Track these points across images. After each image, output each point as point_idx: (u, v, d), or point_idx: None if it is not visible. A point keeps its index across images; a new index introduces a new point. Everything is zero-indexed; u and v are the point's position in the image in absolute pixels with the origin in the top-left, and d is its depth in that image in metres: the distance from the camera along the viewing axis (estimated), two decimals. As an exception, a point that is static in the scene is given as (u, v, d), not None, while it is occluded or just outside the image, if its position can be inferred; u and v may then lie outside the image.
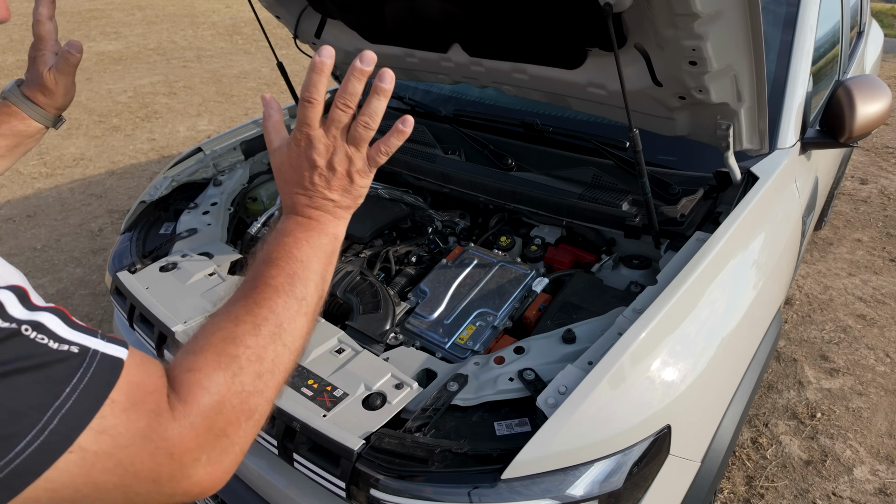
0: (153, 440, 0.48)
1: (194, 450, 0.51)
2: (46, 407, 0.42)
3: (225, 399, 0.54)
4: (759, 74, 1.24)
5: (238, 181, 2.03)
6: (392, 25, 1.75)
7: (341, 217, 0.71)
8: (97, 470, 0.45)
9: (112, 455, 0.46)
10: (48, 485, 0.42)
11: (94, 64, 7.83)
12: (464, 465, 1.01)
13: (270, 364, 0.59)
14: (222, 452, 0.53)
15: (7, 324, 0.42)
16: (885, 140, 5.10)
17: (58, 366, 0.44)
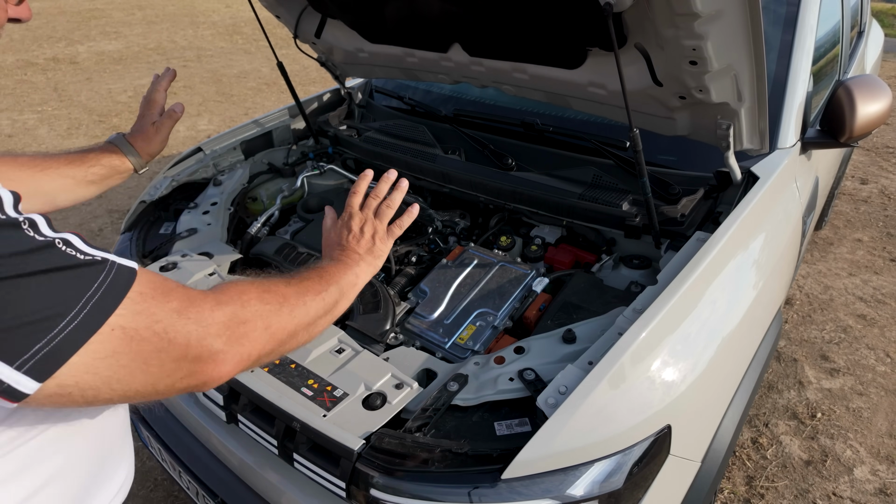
0: (187, 315, 0.62)
1: (217, 335, 0.65)
2: (80, 297, 0.54)
3: (253, 315, 0.71)
4: (759, 74, 1.24)
5: (238, 181, 2.03)
6: (392, 25, 1.75)
7: (363, 267, 1.00)
8: (138, 339, 0.58)
9: (150, 327, 0.59)
10: (88, 358, 0.54)
11: (95, 64, 7.83)
12: (464, 465, 1.01)
13: (289, 317, 0.78)
14: (238, 350, 0.67)
15: (43, 238, 0.54)
16: (886, 140, 5.10)
17: (86, 269, 0.56)
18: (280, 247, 1.68)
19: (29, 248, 0.53)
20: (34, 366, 0.52)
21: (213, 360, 0.64)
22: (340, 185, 2.12)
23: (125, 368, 0.58)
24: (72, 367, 0.54)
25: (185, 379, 0.63)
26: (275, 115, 2.34)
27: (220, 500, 1.34)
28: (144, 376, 0.60)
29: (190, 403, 1.41)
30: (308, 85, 6.89)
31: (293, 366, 1.25)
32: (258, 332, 0.71)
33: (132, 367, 0.58)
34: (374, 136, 2.11)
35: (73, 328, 0.53)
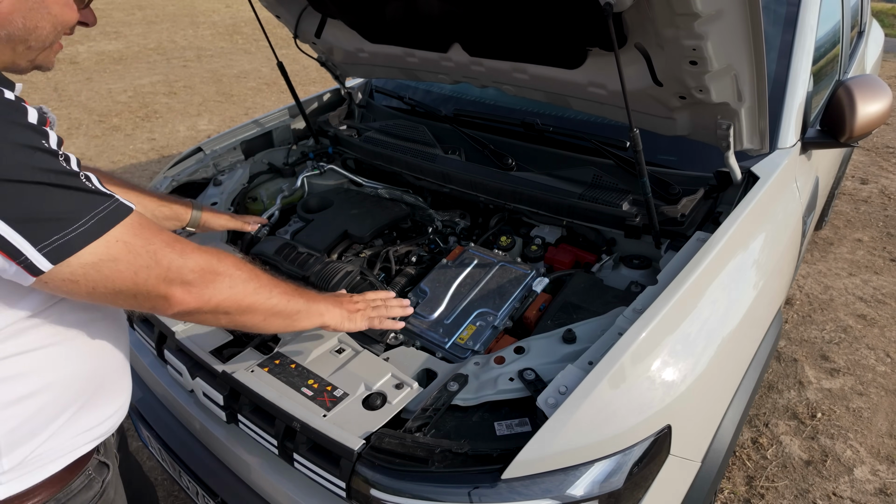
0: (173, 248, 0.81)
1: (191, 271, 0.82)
2: (90, 211, 0.73)
3: (224, 272, 0.88)
4: (759, 74, 1.24)
5: (238, 181, 2.03)
6: (392, 25, 1.75)
7: (335, 313, 1.16)
8: (134, 253, 0.77)
9: (144, 247, 0.78)
10: (94, 257, 0.73)
11: (95, 63, 7.83)
12: (464, 465, 1.01)
13: (253, 292, 0.93)
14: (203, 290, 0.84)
15: (71, 168, 0.75)
16: (886, 140, 5.10)
17: (97, 196, 0.75)
18: (280, 247, 1.68)
19: (60, 171, 0.72)
20: (51, 251, 0.69)
21: (183, 288, 0.82)
22: (340, 185, 2.12)
23: (120, 273, 0.76)
24: (80, 259, 0.72)
25: (157, 298, 0.80)
26: (275, 114, 2.34)
27: (220, 500, 1.34)
28: (131, 283, 0.77)
29: (190, 403, 1.41)
30: (308, 85, 6.89)
31: (293, 366, 1.25)
32: (224, 286, 0.87)
33: (125, 274, 0.76)
34: (375, 136, 2.11)
35: (81, 231, 0.71)
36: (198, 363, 1.33)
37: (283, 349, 1.30)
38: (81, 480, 0.92)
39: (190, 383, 1.34)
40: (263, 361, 1.27)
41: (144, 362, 1.55)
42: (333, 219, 1.83)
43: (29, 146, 0.70)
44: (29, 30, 0.79)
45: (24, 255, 0.68)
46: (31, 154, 0.70)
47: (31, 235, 0.68)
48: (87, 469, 0.94)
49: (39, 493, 0.86)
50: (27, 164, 0.68)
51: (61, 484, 0.89)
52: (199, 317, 0.88)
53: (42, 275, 0.70)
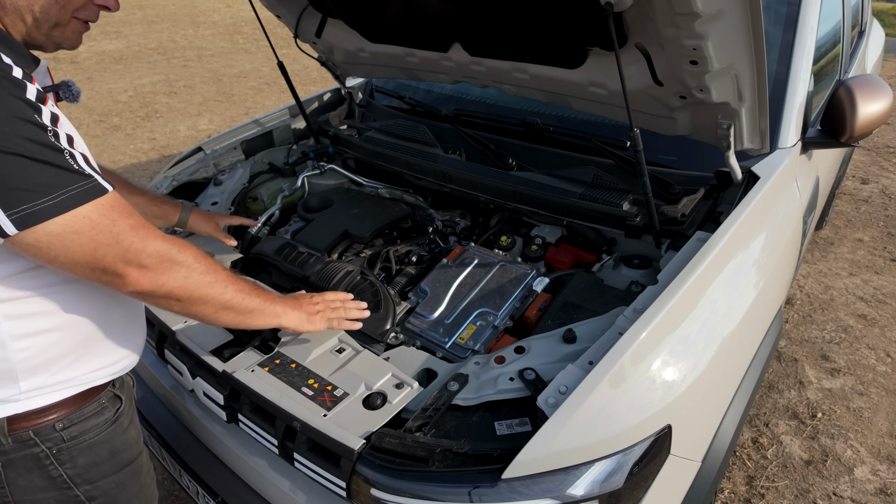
0: (136, 232, 0.87)
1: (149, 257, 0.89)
2: (62, 188, 0.80)
3: (182, 262, 0.94)
4: (760, 74, 1.24)
5: (238, 180, 2.04)
6: (392, 24, 1.75)
7: (294, 315, 1.19)
8: (97, 230, 0.83)
9: (108, 227, 0.84)
10: (59, 228, 0.80)
11: (95, 63, 7.83)
12: (464, 465, 1.01)
13: (207, 285, 0.98)
14: (157, 276, 0.90)
15: (59, 145, 0.81)
16: (887, 140, 5.10)
17: (74, 174, 0.81)
18: (280, 246, 1.68)
19: (45, 144, 0.79)
20: (18, 218, 0.77)
21: (138, 270, 0.88)
22: (341, 184, 2.12)
23: (81, 247, 0.83)
24: (45, 228, 0.79)
25: (113, 275, 0.87)
26: (275, 114, 2.34)
27: (220, 500, 1.34)
28: (90, 257, 0.84)
29: (190, 403, 1.41)
30: (308, 84, 6.89)
31: (294, 365, 1.25)
32: (179, 275, 0.93)
33: (85, 248, 0.83)
34: (375, 136, 2.11)
35: (49, 205, 0.78)
36: (198, 363, 1.33)
37: (283, 349, 1.30)
38: (94, 407, 1.02)
39: (190, 383, 1.34)
40: (264, 361, 1.27)
41: (145, 362, 1.55)
42: (334, 218, 1.83)
43: (20, 118, 0.77)
44: (31, 1, 0.86)
45: None
46: (20, 126, 0.77)
47: (3, 201, 0.76)
48: (100, 398, 1.04)
49: (55, 411, 0.97)
50: (14, 134, 0.76)
51: (75, 407, 0.99)
52: (152, 300, 0.95)
53: (8, 237, 0.78)
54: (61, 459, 0.98)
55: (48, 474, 0.97)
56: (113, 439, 1.05)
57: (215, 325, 1.21)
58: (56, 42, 0.93)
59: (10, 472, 0.95)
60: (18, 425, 0.93)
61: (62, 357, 0.95)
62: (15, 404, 0.92)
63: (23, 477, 0.96)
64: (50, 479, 0.98)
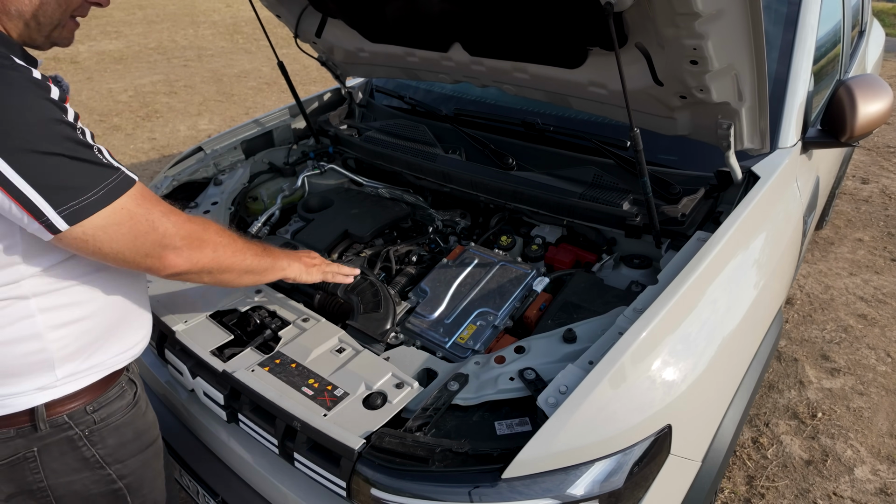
0: (168, 218, 0.95)
1: (182, 238, 0.97)
2: (100, 182, 0.86)
3: (209, 239, 1.03)
4: (760, 74, 1.24)
5: (238, 180, 2.04)
6: (393, 24, 1.74)
7: (296, 267, 1.31)
8: (135, 220, 0.90)
9: (144, 216, 0.91)
10: (102, 220, 0.86)
11: (95, 63, 7.83)
12: (464, 465, 1.01)
13: (231, 255, 1.09)
14: (191, 253, 0.99)
15: (89, 142, 0.87)
16: (887, 139, 5.10)
17: (107, 169, 0.88)
18: (280, 246, 1.68)
19: (79, 142, 0.85)
20: (68, 214, 0.83)
21: (174, 252, 0.96)
22: (341, 184, 2.12)
23: (123, 236, 0.89)
24: (91, 222, 0.85)
25: (153, 259, 0.94)
26: (275, 114, 2.34)
27: (220, 500, 1.34)
28: (131, 245, 0.91)
29: (191, 402, 1.41)
30: (309, 84, 6.89)
31: (294, 365, 1.25)
32: (208, 250, 1.02)
33: (127, 237, 0.90)
34: (375, 136, 2.11)
35: (93, 200, 0.85)
36: (198, 363, 1.33)
37: (283, 349, 1.30)
38: (116, 391, 1.09)
39: (191, 383, 1.34)
40: (264, 361, 1.27)
41: (145, 362, 1.55)
42: (334, 218, 1.83)
43: (54, 119, 0.82)
44: (36, 6, 0.89)
45: (45, 216, 0.81)
46: (56, 127, 0.82)
47: (53, 200, 0.81)
48: (120, 382, 1.11)
49: (83, 396, 1.03)
50: (53, 137, 0.81)
51: (100, 391, 1.06)
52: (185, 277, 1.03)
53: (59, 233, 0.84)
54: (93, 440, 1.05)
55: (82, 455, 1.04)
56: (136, 420, 1.13)
57: (235, 287, 1.32)
58: (53, 41, 0.96)
59: (45, 456, 1.00)
60: (54, 410, 0.99)
61: (92, 343, 1.01)
62: (52, 391, 0.98)
63: (57, 460, 1.02)
64: (83, 460, 1.04)
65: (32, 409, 0.97)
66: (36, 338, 0.93)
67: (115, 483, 1.09)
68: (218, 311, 1.45)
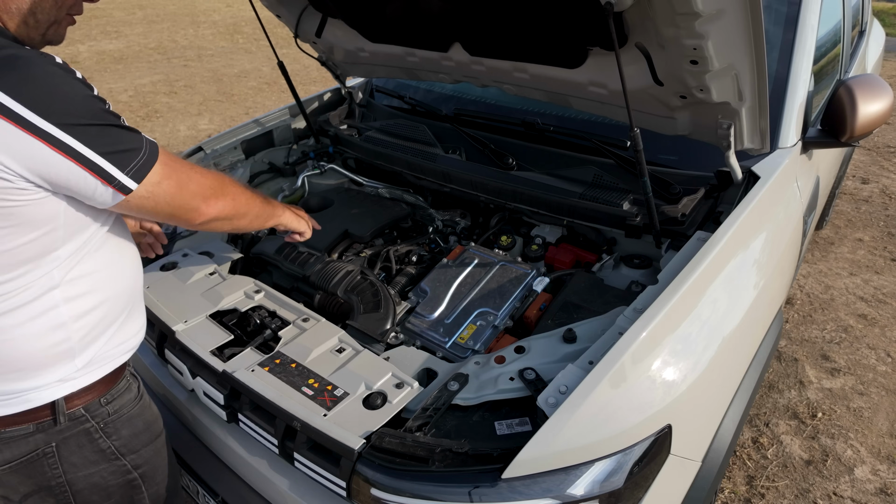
0: (195, 170, 1.03)
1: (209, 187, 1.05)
2: (143, 141, 0.93)
3: (228, 188, 1.11)
4: (760, 73, 1.24)
5: (238, 180, 2.03)
6: (393, 24, 1.74)
7: (289, 215, 1.42)
8: (176, 173, 0.98)
9: (177, 170, 0.99)
10: (156, 176, 0.94)
11: (95, 63, 7.83)
12: (464, 465, 1.01)
13: (245, 202, 1.17)
14: (217, 202, 1.07)
15: (113, 118, 0.91)
16: (887, 139, 5.10)
17: (140, 134, 0.94)
18: (280, 246, 1.68)
19: (114, 114, 0.91)
20: (134, 173, 0.90)
21: (205, 202, 1.04)
22: (341, 184, 2.12)
23: (172, 189, 0.97)
24: (150, 179, 0.93)
25: (192, 209, 1.02)
26: (275, 114, 2.34)
27: (220, 500, 1.34)
28: (179, 198, 0.99)
29: (191, 402, 1.41)
30: (309, 84, 6.88)
31: (294, 365, 1.25)
32: (228, 198, 1.10)
33: (175, 190, 0.98)
34: (375, 136, 2.11)
35: (146, 158, 0.92)
36: (198, 363, 1.33)
37: (283, 349, 1.30)
38: (123, 384, 1.12)
39: (191, 383, 1.34)
40: (264, 361, 1.27)
41: (145, 362, 1.55)
42: (334, 218, 1.83)
43: (93, 96, 0.88)
44: (33, 3, 0.91)
45: (116, 179, 0.88)
46: (97, 102, 0.88)
47: (119, 163, 0.88)
48: (126, 375, 1.14)
49: (98, 388, 1.06)
50: (98, 110, 0.87)
51: (112, 383, 1.09)
52: (211, 224, 1.09)
53: (130, 193, 0.91)
54: (108, 432, 1.07)
55: (98, 447, 1.06)
56: (144, 412, 1.16)
57: (244, 231, 1.35)
58: (48, 39, 0.97)
59: (64, 451, 1.02)
60: (72, 403, 1.02)
61: (105, 330, 1.04)
62: (72, 382, 1.00)
63: (76, 454, 1.04)
64: (100, 452, 1.07)
65: (53, 402, 0.98)
66: (61, 327, 0.96)
67: (130, 473, 1.12)
68: (218, 311, 1.45)
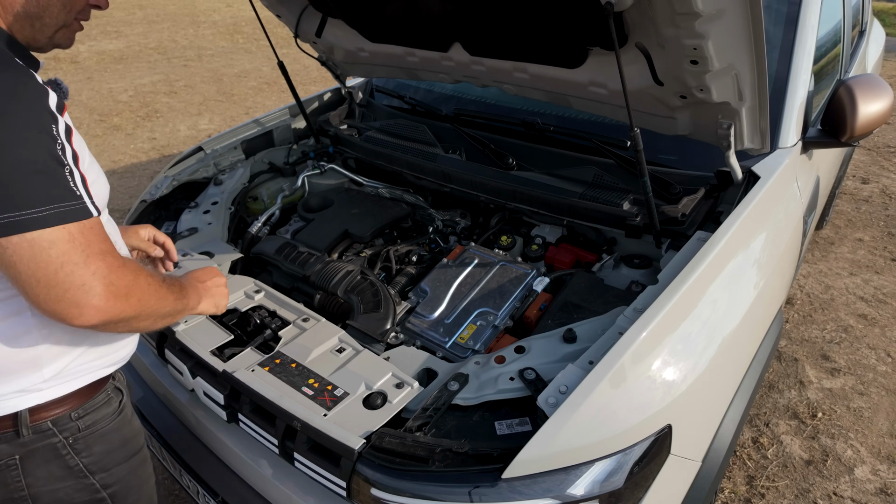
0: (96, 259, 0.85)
1: (105, 287, 0.85)
2: (53, 202, 0.80)
3: (138, 288, 0.91)
4: (760, 73, 1.24)
5: (238, 180, 2.04)
6: (393, 24, 1.74)
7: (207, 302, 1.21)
8: (73, 246, 0.82)
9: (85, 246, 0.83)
10: (34, 235, 0.79)
11: (95, 63, 7.83)
12: (464, 465, 1.01)
13: (155, 302, 0.97)
14: (112, 307, 0.87)
15: (64, 160, 0.83)
16: (887, 139, 5.09)
17: (66, 192, 0.82)
18: (280, 246, 1.68)
19: (51, 155, 0.81)
20: (2, 226, 0.77)
21: (97, 298, 0.85)
22: (341, 184, 2.12)
23: (50, 259, 0.80)
24: (22, 236, 0.78)
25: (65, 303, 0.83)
26: (275, 114, 2.34)
27: (220, 500, 1.34)
28: (53, 273, 0.81)
29: (191, 402, 1.41)
30: (309, 84, 6.88)
31: (294, 365, 1.25)
32: (134, 301, 0.91)
33: (53, 263, 0.81)
34: (375, 136, 2.11)
35: (34, 217, 0.79)
36: (199, 363, 1.33)
37: (283, 349, 1.30)
38: (102, 398, 1.07)
39: (191, 383, 1.34)
40: (264, 361, 1.27)
41: (145, 362, 1.55)
42: (334, 218, 1.83)
43: (37, 126, 0.80)
44: (42, 7, 0.89)
45: None
46: (36, 135, 0.80)
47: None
48: (106, 389, 1.09)
49: (70, 401, 1.01)
50: (27, 141, 0.79)
51: (87, 397, 1.04)
52: (104, 327, 0.90)
53: None
54: (77, 448, 1.02)
55: (66, 464, 1.01)
56: (122, 428, 1.11)
57: (142, 332, 1.23)
58: (55, 43, 0.96)
59: (29, 464, 0.98)
60: (38, 416, 0.97)
61: (81, 341, 1.00)
62: (37, 394, 0.96)
63: (41, 468, 0.99)
64: (67, 469, 1.02)
65: (16, 413, 0.94)
66: (27, 334, 0.92)
67: (99, 493, 1.06)
68: (218, 311, 1.45)
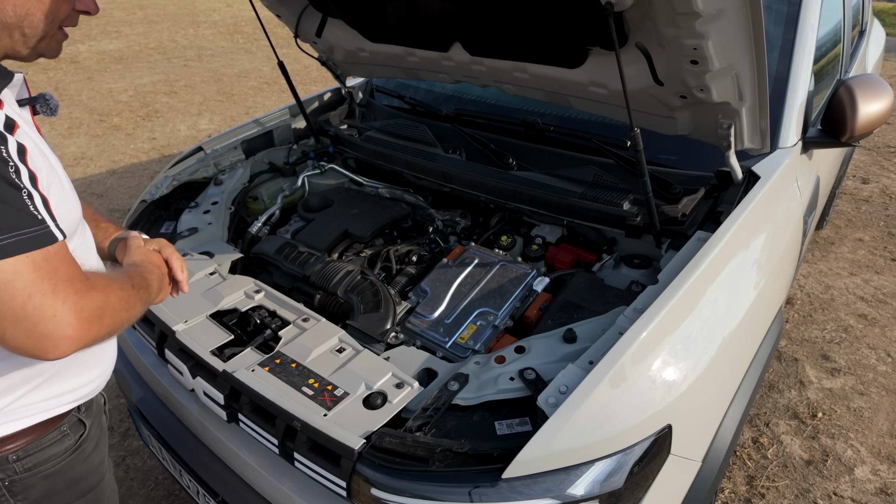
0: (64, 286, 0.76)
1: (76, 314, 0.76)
2: (12, 229, 0.72)
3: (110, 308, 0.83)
4: (760, 73, 1.24)
5: (239, 180, 2.03)
6: (393, 24, 1.74)
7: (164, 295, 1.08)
8: (39, 275, 0.74)
9: (52, 274, 0.75)
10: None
11: (95, 63, 7.83)
12: (464, 465, 1.01)
13: (126, 314, 0.87)
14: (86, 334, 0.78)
15: (18, 183, 0.74)
16: (887, 139, 5.09)
17: (26, 217, 0.74)
18: (281, 246, 1.68)
19: (4, 181, 0.73)
20: None
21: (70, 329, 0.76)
22: (341, 184, 2.12)
23: (16, 291, 0.72)
24: None
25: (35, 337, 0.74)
26: (275, 114, 2.34)
27: (220, 500, 1.34)
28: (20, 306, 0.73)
29: (191, 402, 1.41)
30: (309, 84, 6.88)
31: (294, 365, 1.25)
32: (105, 323, 0.82)
33: (20, 295, 0.73)
34: (375, 136, 2.11)
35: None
36: (199, 363, 1.33)
37: (283, 349, 1.30)
38: (54, 435, 0.97)
39: (191, 383, 1.34)
40: (264, 361, 1.27)
41: (145, 362, 1.55)
42: (334, 218, 1.83)
43: None
44: (20, 17, 0.81)
45: None
46: None
47: None
48: (61, 426, 0.98)
49: (12, 442, 0.91)
50: None
51: (35, 436, 0.94)
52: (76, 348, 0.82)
53: None
54: (13, 491, 0.93)
55: None
56: (73, 468, 1.01)
57: None
58: (39, 52, 0.89)
59: None
60: None
61: (24, 382, 0.90)
62: None
63: None
64: None
65: None
66: None
67: None
68: (218, 311, 1.45)
